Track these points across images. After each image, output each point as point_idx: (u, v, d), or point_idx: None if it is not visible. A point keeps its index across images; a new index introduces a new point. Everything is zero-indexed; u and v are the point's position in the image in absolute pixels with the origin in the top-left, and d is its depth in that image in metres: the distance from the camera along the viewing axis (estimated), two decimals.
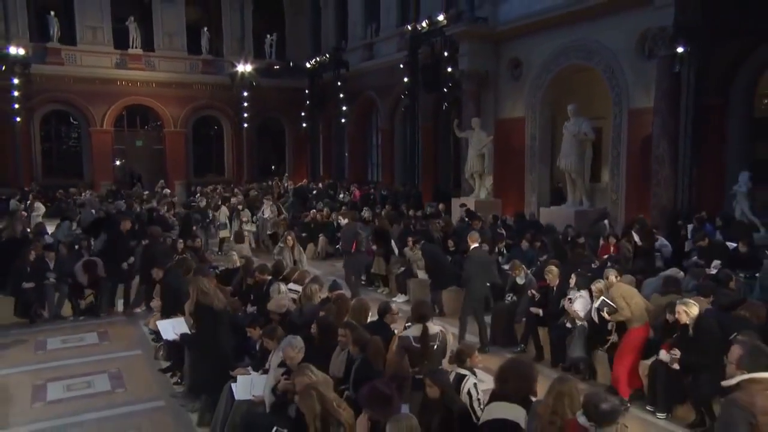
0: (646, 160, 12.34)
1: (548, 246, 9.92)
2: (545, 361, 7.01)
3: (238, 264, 7.86)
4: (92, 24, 24.29)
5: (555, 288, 7.21)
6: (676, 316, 5.36)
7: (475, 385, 4.37)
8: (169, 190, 20.99)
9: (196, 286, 5.12)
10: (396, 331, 5.19)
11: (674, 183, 11.58)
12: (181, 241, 9.42)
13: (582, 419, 3.69)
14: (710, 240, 8.83)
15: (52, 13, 23.46)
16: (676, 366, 5.28)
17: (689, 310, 5.28)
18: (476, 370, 4.69)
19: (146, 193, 19.82)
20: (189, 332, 5.32)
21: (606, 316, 6.02)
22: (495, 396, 4.12)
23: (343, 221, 11.86)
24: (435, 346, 4.64)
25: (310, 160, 27.48)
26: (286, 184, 21.09)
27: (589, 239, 10.33)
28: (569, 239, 10.28)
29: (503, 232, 11.58)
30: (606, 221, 12.19)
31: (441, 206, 15.70)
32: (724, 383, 3.51)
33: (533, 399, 4.06)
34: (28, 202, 17.61)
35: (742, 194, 10.17)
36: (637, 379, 5.97)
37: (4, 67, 21.59)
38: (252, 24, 27.07)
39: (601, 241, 10.19)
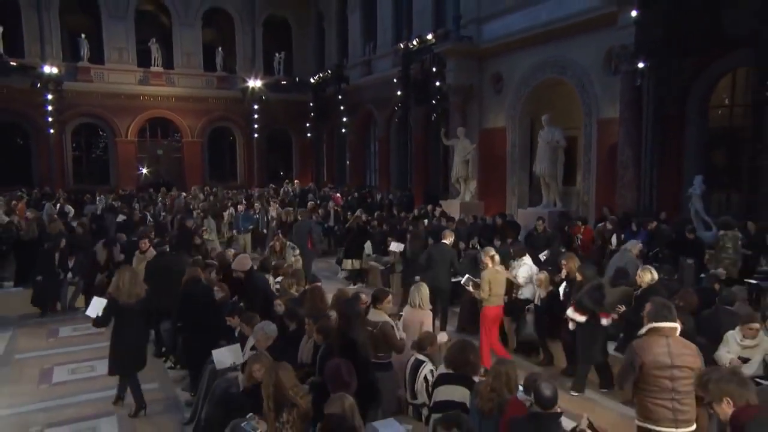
0: (613, 166, 12.37)
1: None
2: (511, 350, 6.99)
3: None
4: (118, 45, 24.36)
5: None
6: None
7: (431, 371, 4.39)
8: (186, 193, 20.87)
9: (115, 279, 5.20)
10: None
11: (637, 186, 11.58)
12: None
13: (521, 395, 3.78)
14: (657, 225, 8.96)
15: (83, 35, 23.56)
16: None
17: (643, 275, 5.54)
18: None
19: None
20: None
21: (470, 288, 6.59)
22: (442, 378, 4.21)
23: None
24: (373, 331, 4.61)
25: (315, 166, 27.43)
26: (289, 189, 21.01)
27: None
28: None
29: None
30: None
31: (429, 208, 15.71)
32: (639, 333, 3.79)
33: (476, 380, 4.14)
34: (59, 204, 17.76)
35: (696, 196, 10.12)
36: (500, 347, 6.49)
37: (39, 85, 21.70)
38: (262, 44, 26.96)
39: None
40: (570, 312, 5.20)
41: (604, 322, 4.88)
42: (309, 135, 26.51)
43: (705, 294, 5.68)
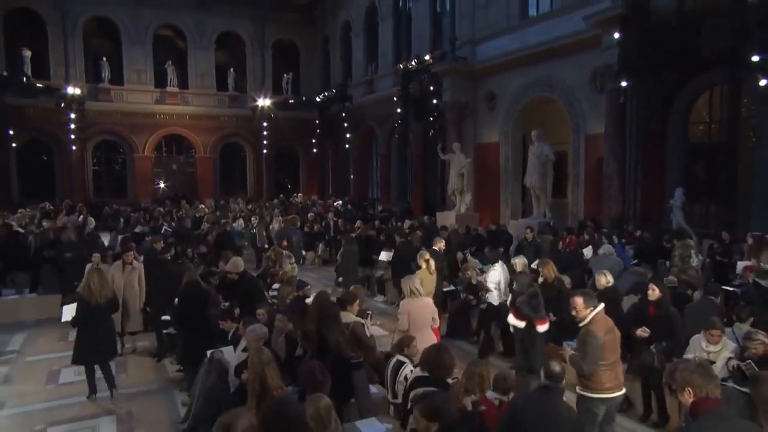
0: (600, 178, 12.36)
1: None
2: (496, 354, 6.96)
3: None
4: (137, 67, 24.80)
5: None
6: None
7: (411, 371, 4.36)
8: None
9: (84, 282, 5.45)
10: None
11: (622, 197, 11.58)
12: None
13: (490, 394, 3.80)
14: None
15: (104, 58, 24.07)
16: None
17: (600, 278, 5.73)
18: None
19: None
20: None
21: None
22: (418, 380, 4.22)
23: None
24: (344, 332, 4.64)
25: (320, 179, 27.55)
26: (296, 200, 21.12)
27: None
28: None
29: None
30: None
31: (426, 218, 15.75)
32: (581, 324, 4.07)
33: (450, 381, 4.15)
34: (80, 216, 17.87)
35: (677, 207, 10.12)
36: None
37: (63, 105, 22.03)
38: (271, 65, 27.26)
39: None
40: (510, 318, 5.28)
41: (539, 328, 4.98)
42: (315, 150, 26.68)
43: (677, 298, 5.70)
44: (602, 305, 4.11)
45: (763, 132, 9.02)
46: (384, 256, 9.76)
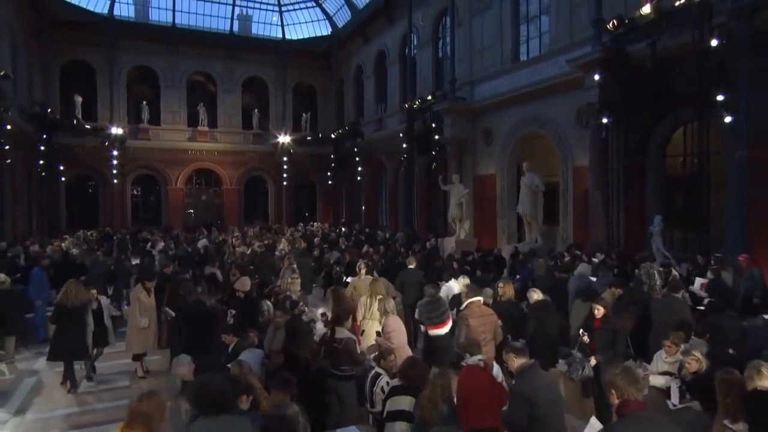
0: (587, 207, 12.41)
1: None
2: None
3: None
4: (172, 109, 25.59)
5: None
6: None
7: (387, 383, 4.42)
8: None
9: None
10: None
11: (607, 224, 11.58)
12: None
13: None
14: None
15: (144, 102, 24.94)
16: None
17: (532, 294, 6.08)
18: None
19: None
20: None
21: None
22: (394, 390, 4.30)
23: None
24: (338, 346, 4.75)
25: (335, 208, 27.84)
26: (313, 228, 21.38)
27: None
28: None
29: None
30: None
31: (427, 244, 15.79)
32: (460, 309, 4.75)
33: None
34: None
35: (657, 233, 10.10)
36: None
37: (107, 143, 22.94)
38: (291, 106, 27.71)
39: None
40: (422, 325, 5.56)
41: (431, 332, 5.30)
42: (330, 182, 26.96)
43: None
44: (479, 298, 5.00)
45: (730, 164, 9.05)
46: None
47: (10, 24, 18.75)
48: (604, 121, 11.06)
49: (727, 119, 8.84)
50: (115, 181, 23.68)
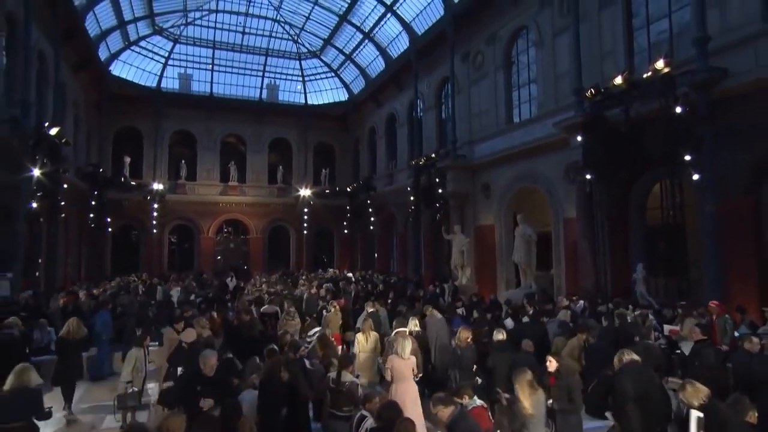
0: (577, 255, 12.53)
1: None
2: None
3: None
4: (207, 167, 26.69)
5: None
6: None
7: (371, 424, 4.40)
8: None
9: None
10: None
11: (595, 271, 11.60)
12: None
13: None
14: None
15: (183, 161, 26.17)
16: None
17: (496, 334, 6.28)
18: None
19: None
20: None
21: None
22: (372, 431, 4.33)
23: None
24: (342, 389, 4.93)
25: (351, 255, 28.03)
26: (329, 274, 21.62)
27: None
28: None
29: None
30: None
31: (437, 289, 15.82)
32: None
33: None
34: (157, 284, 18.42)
35: (640, 280, 10.16)
36: None
37: (149, 197, 24.14)
38: (312, 163, 28.45)
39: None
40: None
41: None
42: (346, 231, 27.30)
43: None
44: (404, 328, 5.85)
45: (702, 216, 9.21)
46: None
47: (76, 99, 20.44)
48: (588, 177, 11.34)
49: (695, 177, 9.10)
50: (155, 230, 24.56)
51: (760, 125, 8.66)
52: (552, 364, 4.74)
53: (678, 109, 9.27)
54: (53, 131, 13.37)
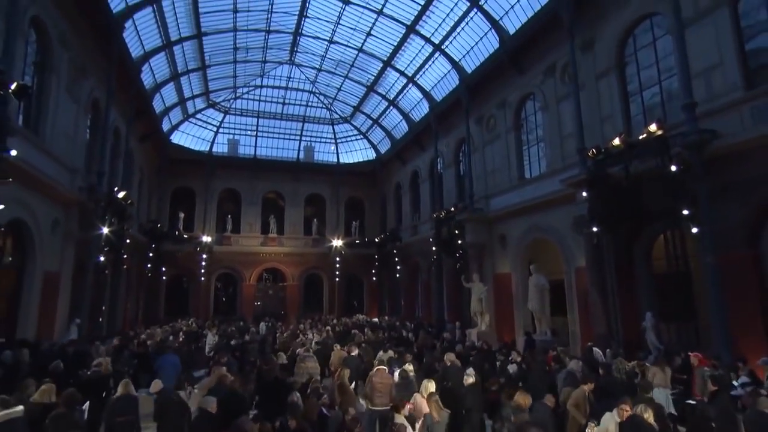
0: (588, 303, 12.39)
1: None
2: None
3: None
4: (250, 221, 27.94)
5: None
6: None
7: None
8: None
9: None
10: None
11: (606, 319, 11.41)
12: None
13: None
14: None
15: (229, 216, 27.55)
16: None
17: (467, 378, 6.60)
18: None
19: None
20: None
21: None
22: None
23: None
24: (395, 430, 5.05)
25: (379, 301, 28.01)
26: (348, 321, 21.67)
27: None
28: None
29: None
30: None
31: (445, 334, 15.68)
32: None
33: None
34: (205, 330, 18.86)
35: (650, 329, 9.94)
36: None
37: (199, 249, 25.37)
38: (343, 215, 29.20)
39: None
40: None
41: None
42: (374, 278, 27.61)
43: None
44: (383, 367, 6.46)
45: (705, 267, 9.14)
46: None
47: (141, 165, 22.49)
48: (594, 229, 11.41)
49: (694, 230, 9.14)
50: (203, 278, 25.55)
51: (754, 181, 8.74)
52: None
53: (673, 168, 9.45)
54: (121, 194, 14.77)
